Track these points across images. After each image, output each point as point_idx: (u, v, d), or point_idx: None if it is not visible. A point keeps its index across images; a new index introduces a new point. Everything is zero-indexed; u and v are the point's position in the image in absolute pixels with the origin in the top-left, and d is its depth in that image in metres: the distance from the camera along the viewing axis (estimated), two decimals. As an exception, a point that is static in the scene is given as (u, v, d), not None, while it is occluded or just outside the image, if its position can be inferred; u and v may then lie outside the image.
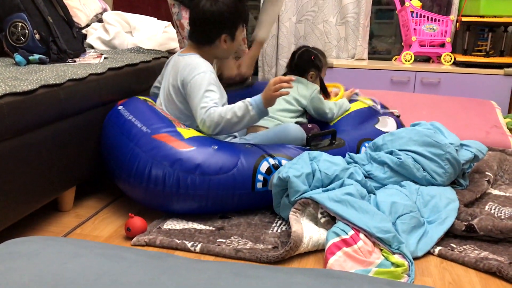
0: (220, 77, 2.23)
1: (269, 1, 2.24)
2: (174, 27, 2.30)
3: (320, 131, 1.89)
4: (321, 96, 2.07)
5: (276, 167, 1.59)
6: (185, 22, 2.03)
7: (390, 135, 1.75)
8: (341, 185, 1.51)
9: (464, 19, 3.07)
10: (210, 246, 1.41)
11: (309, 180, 1.50)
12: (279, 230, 1.54)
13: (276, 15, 2.31)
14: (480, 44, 3.16)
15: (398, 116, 2.25)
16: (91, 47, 2.48)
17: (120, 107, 1.78)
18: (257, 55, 2.34)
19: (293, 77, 1.93)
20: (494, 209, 1.71)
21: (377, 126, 2.00)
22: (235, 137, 1.88)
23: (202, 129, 1.66)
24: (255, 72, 3.61)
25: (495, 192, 1.90)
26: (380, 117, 2.12)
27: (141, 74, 2.08)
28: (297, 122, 1.99)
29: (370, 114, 2.13)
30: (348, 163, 1.71)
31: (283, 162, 1.61)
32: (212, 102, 1.64)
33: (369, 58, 3.48)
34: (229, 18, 1.73)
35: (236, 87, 2.28)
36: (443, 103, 2.87)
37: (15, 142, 1.36)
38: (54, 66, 1.81)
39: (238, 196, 1.58)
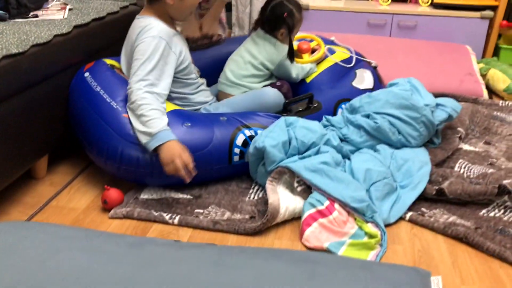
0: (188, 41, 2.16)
1: None
2: None
3: (295, 97, 1.84)
4: (289, 62, 1.95)
5: (252, 138, 1.58)
6: None
7: (367, 97, 1.74)
8: (317, 152, 1.52)
9: (444, -43, 2.97)
10: (188, 218, 1.43)
11: (286, 148, 1.51)
12: (255, 198, 1.56)
13: None
14: (459, -16, 3.08)
15: (375, 67, 2.22)
16: (54, -6, 2.32)
17: (86, 74, 1.70)
18: (219, 14, 2.27)
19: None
20: (464, 168, 1.76)
21: (354, 83, 1.97)
22: (209, 103, 1.84)
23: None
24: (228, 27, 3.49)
25: (465, 147, 1.95)
26: (357, 71, 2.07)
27: (108, 29, 1.98)
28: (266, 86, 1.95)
29: (346, 69, 2.07)
30: (325, 126, 1.71)
31: (259, 132, 1.59)
32: (143, 75, 1.51)
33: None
34: None
35: (202, 46, 2.21)
36: (419, 48, 2.84)
37: (-20, 120, 1.31)
38: (15, 25, 1.70)
39: (216, 171, 1.58)
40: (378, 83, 2.09)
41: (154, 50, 1.55)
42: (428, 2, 3.11)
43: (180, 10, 1.67)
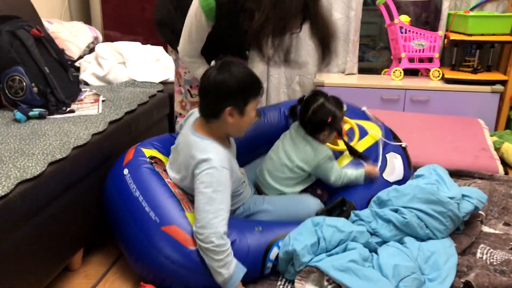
0: None
1: None
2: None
3: (328, 206, 1.80)
4: (331, 164, 1.88)
5: None
6: (182, 71, 2.04)
7: (395, 191, 1.80)
8: (345, 249, 1.57)
9: (452, 36, 3.11)
10: (218, 316, 1.46)
11: (314, 249, 1.56)
12: (285, 291, 1.60)
13: None
14: (468, 60, 3.21)
15: (404, 148, 2.15)
16: (86, 83, 2.48)
17: (125, 172, 1.69)
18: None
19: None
20: (486, 254, 1.79)
21: (385, 175, 1.95)
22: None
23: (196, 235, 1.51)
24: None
25: (485, 229, 1.98)
26: (387, 156, 2.02)
27: (140, 120, 2.10)
28: (304, 190, 1.94)
29: (377, 153, 2.01)
30: (353, 221, 1.76)
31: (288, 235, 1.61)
32: (215, 212, 1.48)
33: (358, 67, 3.48)
34: (235, 90, 1.54)
35: None
36: (432, 123, 2.93)
37: (26, 228, 1.38)
38: (55, 122, 1.82)
39: (245, 279, 1.58)
40: (408, 170, 2.05)
41: (219, 182, 1.51)
42: (439, 77, 3.24)
43: (238, 128, 1.63)
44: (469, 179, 2.48)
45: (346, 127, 2.08)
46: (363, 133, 2.10)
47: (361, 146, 2.05)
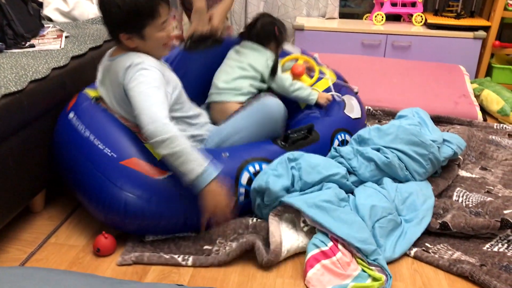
0: (193, 36, 2.03)
1: None
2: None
3: (297, 128, 1.75)
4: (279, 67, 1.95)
5: (256, 174, 1.53)
6: None
7: (377, 130, 1.74)
8: (320, 189, 1.52)
9: (436, -21, 3.00)
10: (201, 258, 1.41)
11: (288, 188, 1.50)
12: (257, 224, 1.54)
13: None
14: (451, 5, 3.12)
15: (356, 93, 2.15)
16: (50, 19, 2.31)
17: (71, 115, 1.54)
18: (229, 6, 2.12)
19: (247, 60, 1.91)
20: (462, 197, 1.77)
21: (346, 111, 1.92)
22: (207, 123, 1.76)
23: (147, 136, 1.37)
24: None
25: (462, 173, 1.96)
26: (344, 98, 2.01)
27: (106, 57, 1.97)
28: (261, 91, 1.93)
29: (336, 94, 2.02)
30: (333, 157, 1.70)
31: (264, 166, 1.55)
32: (158, 105, 1.37)
33: (340, 12, 3.36)
34: (122, 18, 1.42)
35: (204, 44, 2.06)
36: (413, 69, 2.86)
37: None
38: (12, 56, 1.68)
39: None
40: (364, 113, 2.05)
41: (153, 79, 1.42)
42: (421, 22, 3.14)
43: (150, 50, 1.51)
44: (448, 125, 2.45)
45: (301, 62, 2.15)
46: (321, 77, 2.12)
47: (318, 87, 2.06)
